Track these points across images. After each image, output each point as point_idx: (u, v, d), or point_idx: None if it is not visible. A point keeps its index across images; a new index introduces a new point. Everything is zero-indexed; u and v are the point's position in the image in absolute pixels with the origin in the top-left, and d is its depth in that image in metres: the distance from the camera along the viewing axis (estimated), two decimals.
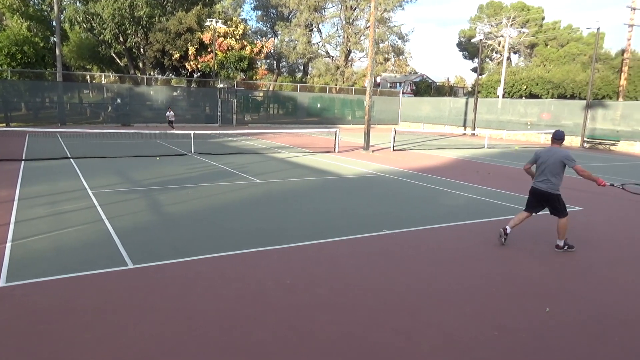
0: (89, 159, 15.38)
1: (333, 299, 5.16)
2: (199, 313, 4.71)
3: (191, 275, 5.67)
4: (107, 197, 9.75)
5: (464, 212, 9.61)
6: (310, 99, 42.58)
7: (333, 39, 55.75)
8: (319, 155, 18.47)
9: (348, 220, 8.60)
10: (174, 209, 9.02)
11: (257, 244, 6.91)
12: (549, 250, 7.21)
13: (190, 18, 36.53)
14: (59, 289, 5.16)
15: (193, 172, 13.39)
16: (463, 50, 60.09)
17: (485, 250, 7.12)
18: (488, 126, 34.70)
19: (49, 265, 5.78)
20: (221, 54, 37.66)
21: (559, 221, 7.02)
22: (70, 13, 39.04)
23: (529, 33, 50.51)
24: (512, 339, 4.40)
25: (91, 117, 34.88)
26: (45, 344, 4.04)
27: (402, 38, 53.47)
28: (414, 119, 43.07)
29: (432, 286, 5.64)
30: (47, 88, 33.21)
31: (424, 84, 57.56)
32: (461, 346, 4.26)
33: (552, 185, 6.88)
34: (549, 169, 6.84)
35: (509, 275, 6.08)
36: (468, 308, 5.04)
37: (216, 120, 36.36)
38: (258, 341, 4.22)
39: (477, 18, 55.88)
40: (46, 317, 4.50)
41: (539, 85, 40.92)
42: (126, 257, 6.16)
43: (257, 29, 58.86)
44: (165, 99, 36.53)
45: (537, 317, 4.89)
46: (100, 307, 4.76)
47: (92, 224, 7.66)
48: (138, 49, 41.70)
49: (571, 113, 31.17)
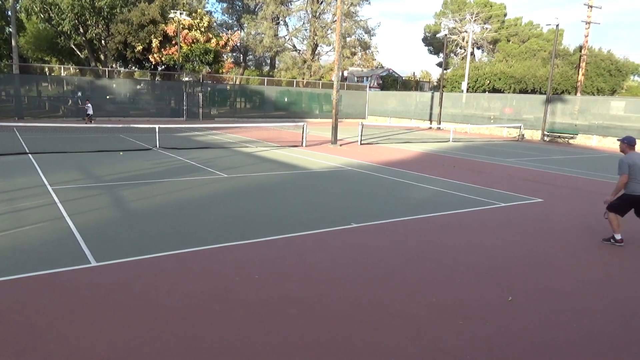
0: (49, 154, 14.85)
1: (301, 293, 5.17)
2: (165, 310, 4.63)
3: (157, 272, 5.57)
4: (68, 193, 9.45)
5: (430, 205, 9.78)
6: (277, 92, 42.32)
7: (300, 33, 55.49)
8: (287, 150, 18.41)
9: (316, 214, 8.62)
10: (139, 205, 8.82)
11: (224, 239, 6.85)
12: (515, 242, 7.42)
13: (153, 9, 35.62)
14: (18, 288, 4.97)
15: (158, 167, 13.13)
16: (428, 45, 60.86)
17: (451, 242, 7.27)
18: (453, 120, 35.35)
19: (6, 265, 5.56)
20: (186, 47, 36.91)
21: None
22: (27, 2, 37.39)
23: (491, 29, 51.61)
24: (477, 328, 4.52)
25: (50, 110, 33.62)
26: (3, 345, 3.89)
27: (368, 32, 53.70)
28: (381, 113, 43.44)
29: (400, 278, 5.72)
30: (2, 80, 31.82)
31: (390, 78, 58.09)
32: (429, 336, 4.34)
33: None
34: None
35: (473, 266, 6.22)
36: (435, 298, 5.14)
37: (182, 114, 35.70)
38: (226, 337, 4.19)
39: (442, 13, 56.70)
40: (4, 318, 4.33)
41: (501, 80, 41.92)
42: (89, 255, 5.99)
43: (222, 21, 58.02)
44: (129, 92, 35.59)
45: (500, 306, 5.04)
46: (61, 306, 4.61)
47: (53, 222, 7.42)
48: (99, 41, 40.39)
49: (532, 107, 32.08)
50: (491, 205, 9.94)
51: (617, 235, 7.33)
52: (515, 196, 10.99)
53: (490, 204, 9.99)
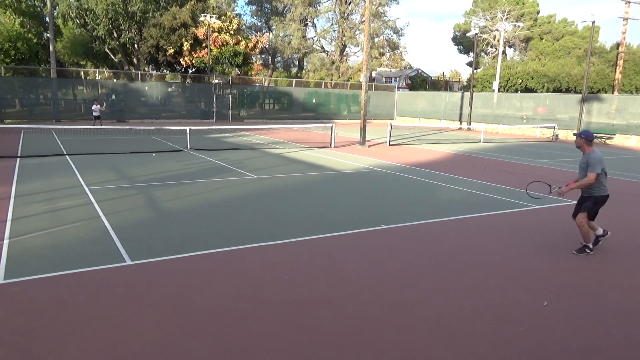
0: (85, 155, 15.31)
1: (331, 294, 5.17)
2: (197, 309, 4.71)
3: (189, 271, 5.67)
4: (104, 193, 9.72)
5: (461, 206, 9.64)
6: (305, 94, 42.49)
7: (328, 34, 55.57)
8: (315, 151, 18.46)
9: (345, 215, 8.60)
10: (171, 205, 8.99)
11: (254, 240, 6.91)
12: (547, 245, 7.24)
13: (184, 13, 36.31)
14: (57, 285, 5.14)
15: (189, 168, 13.36)
16: (458, 45, 60.02)
17: (483, 244, 7.14)
18: (484, 120, 34.76)
19: (46, 262, 5.76)
20: (216, 50, 37.47)
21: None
22: (64, 9, 38.71)
23: (524, 27, 50.54)
24: (511, 333, 4.42)
25: (86, 113, 34.61)
26: (43, 341, 4.03)
27: (397, 32, 53.33)
28: (410, 114, 43.07)
29: (430, 280, 5.66)
30: (41, 84, 32.98)
31: (419, 78, 57.51)
32: (461, 340, 4.27)
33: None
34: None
35: (508, 269, 6.10)
36: (467, 302, 5.06)
37: (212, 115, 36.24)
38: (256, 336, 4.23)
39: (472, 12, 55.84)
40: (44, 314, 4.49)
41: (534, 79, 40.99)
42: (124, 254, 6.14)
43: (251, 24, 58.60)
44: (161, 95, 36.34)
45: (535, 310, 4.92)
46: (98, 303, 4.75)
47: (89, 221, 7.64)
48: (132, 45, 41.44)
49: (567, 107, 31.25)
50: (524, 207, 9.73)
51: (590, 244, 6.72)
52: (549, 198, 10.68)
53: (522, 206, 9.77)
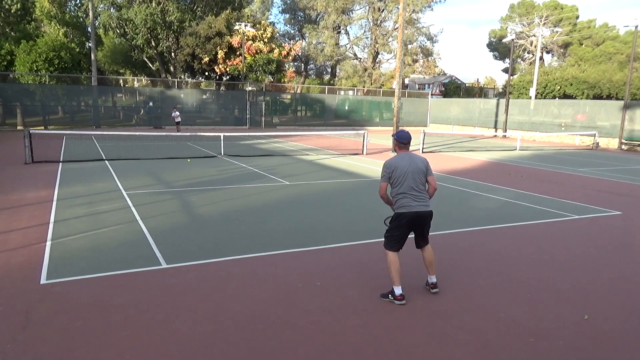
0: (123, 160, 15.75)
1: (363, 302, 5.13)
2: (230, 313, 4.75)
3: (223, 276, 5.74)
4: (141, 198, 9.96)
5: (497, 215, 9.43)
6: (338, 101, 42.58)
7: (361, 41, 55.67)
8: (348, 158, 18.44)
9: (378, 223, 8.52)
10: (206, 210, 9.14)
11: (288, 246, 6.94)
12: (586, 257, 7.00)
13: (219, 22, 37.05)
14: (96, 287, 5.29)
15: (223, 174, 13.56)
16: (493, 51, 59.08)
17: (520, 255, 6.96)
18: (520, 128, 33.98)
19: (87, 264, 5.94)
20: (250, 57, 38.04)
21: (430, 250, 5.41)
22: (105, 19, 40.13)
23: (562, 32, 49.29)
24: (549, 347, 4.28)
25: (124, 119, 35.74)
26: (83, 340, 4.14)
27: (430, 39, 52.96)
28: (443, 121, 42.53)
29: (465, 290, 5.55)
30: (82, 92, 34.21)
31: (453, 85, 56.78)
32: (496, 352, 4.17)
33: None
34: (418, 180, 5.18)
35: (545, 280, 5.92)
36: (503, 313, 4.94)
37: (245, 122, 36.74)
38: (289, 342, 4.23)
39: (508, 18, 54.89)
40: (84, 314, 4.62)
41: (573, 86, 39.84)
42: (160, 257, 6.27)
43: (285, 31, 59.31)
44: (196, 102, 37.11)
45: (575, 324, 4.76)
46: (135, 305, 4.86)
47: (127, 224, 7.84)
48: (169, 53, 42.53)
49: (608, 114, 30.21)
50: (563, 217, 9.43)
51: (397, 289, 5.07)
52: (590, 208, 10.37)
53: (562, 216, 9.48)
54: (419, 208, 5.11)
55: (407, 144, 5.34)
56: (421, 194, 5.16)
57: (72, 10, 40.52)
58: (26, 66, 29.66)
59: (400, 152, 5.34)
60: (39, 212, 8.55)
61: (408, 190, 5.11)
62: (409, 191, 5.11)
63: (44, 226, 7.58)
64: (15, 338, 4.14)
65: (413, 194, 5.11)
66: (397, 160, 5.20)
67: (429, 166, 5.29)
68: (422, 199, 5.16)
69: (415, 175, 5.14)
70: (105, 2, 39.62)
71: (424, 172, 5.21)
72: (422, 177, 5.21)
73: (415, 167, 5.15)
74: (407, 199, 5.12)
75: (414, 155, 5.28)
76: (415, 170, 5.15)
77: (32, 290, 5.12)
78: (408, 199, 5.11)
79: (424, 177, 5.22)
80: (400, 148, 5.35)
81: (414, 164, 5.17)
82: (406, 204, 5.12)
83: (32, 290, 5.14)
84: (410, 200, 5.11)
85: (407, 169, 5.12)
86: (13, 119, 30.21)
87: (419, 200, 5.13)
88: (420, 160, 5.26)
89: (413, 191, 5.11)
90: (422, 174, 5.20)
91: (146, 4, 38.22)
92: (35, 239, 6.88)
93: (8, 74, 30.96)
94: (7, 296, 4.98)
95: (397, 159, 5.23)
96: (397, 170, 5.14)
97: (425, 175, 5.23)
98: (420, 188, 5.17)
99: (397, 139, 5.36)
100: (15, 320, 4.45)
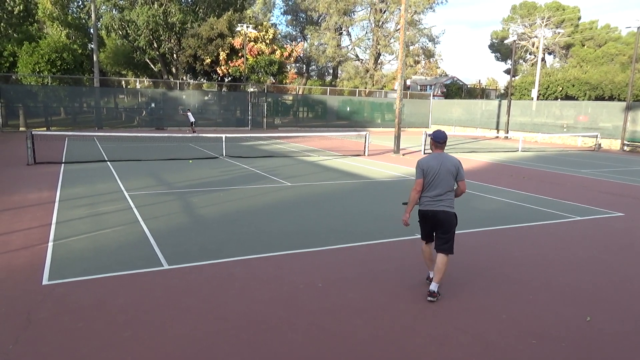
0: (125, 161, 15.78)
1: (365, 303, 5.12)
2: (232, 314, 4.76)
3: (225, 277, 5.74)
4: (143, 199, 9.98)
5: (499, 217, 9.42)
6: (339, 102, 42.60)
7: (362, 42, 55.66)
8: (349, 159, 18.44)
9: (380, 224, 8.54)
10: (207, 211, 9.15)
11: (289, 247, 6.94)
12: (590, 258, 6.98)
13: (221, 24, 37.10)
14: (99, 287, 5.30)
15: (225, 175, 13.57)
16: (495, 52, 59.08)
17: (522, 256, 6.95)
18: (522, 129, 33.95)
19: (89, 265, 5.95)
20: (252, 59, 38.07)
21: (442, 259, 5.28)
22: (107, 20, 40.22)
23: (564, 33, 49.25)
24: (552, 348, 4.28)
25: (126, 121, 35.82)
26: (86, 341, 4.15)
27: (432, 40, 52.94)
28: (445, 122, 42.50)
29: (466, 292, 5.54)
30: (84, 93, 34.29)
31: (454, 86, 56.80)
32: (498, 354, 4.16)
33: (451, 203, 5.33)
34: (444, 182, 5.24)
35: (547, 282, 5.91)
36: (505, 314, 4.93)
37: (247, 123, 36.77)
38: (291, 343, 4.23)
39: (510, 19, 54.88)
40: (86, 315, 4.63)
41: (575, 87, 39.79)
42: (161, 258, 6.28)
43: (286, 33, 59.40)
44: (197, 103, 37.18)
45: (577, 326, 4.75)
46: (137, 306, 4.86)
47: (129, 225, 7.85)
48: (171, 55, 42.61)
49: (610, 115, 30.17)
50: (565, 218, 9.42)
51: (429, 272, 5.55)
52: (592, 209, 10.35)
53: (564, 217, 9.47)
54: (433, 207, 5.23)
55: (442, 144, 5.37)
56: (442, 195, 5.22)
57: (74, 12, 40.68)
58: (28, 67, 29.73)
59: (435, 151, 5.40)
60: (41, 213, 8.57)
61: (431, 190, 5.23)
62: (432, 190, 5.23)
63: (46, 227, 7.59)
64: (18, 339, 4.15)
65: (434, 193, 5.22)
66: (429, 160, 5.30)
67: (460, 169, 5.29)
68: (441, 199, 5.21)
69: (443, 177, 5.20)
70: (107, 4, 39.72)
71: (453, 175, 5.24)
72: (450, 179, 5.24)
73: (445, 168, 5.21)
74: (426, 198, 5.27)
75: (446, 157, 5.31)
76: (444, 172, 5.21)
77: (34, 291, 5.13)
78: (427, 197, 5.26)
79: (453, 180, 5.26)
80: (436, 147, 5.39)
81: (444, 166, 5.22)
82: (423, 202, 5.31)
83: (34, 291, 5.15)
84: (427, 199, 5.26)
85: (437, 169, 5.20)
86: (15, 120, 30.27)
87: (436, 200, 5.22)
88: (451, 162, 5.27)
89: (435, 190, 5.22)
90: (450, 176, 5.23)
91: (148, 5, 38.29)
92: (37, 240, 6.89)
93: (10, 76, 31.04)
94: (9, 297, 4.99)
95: (430, 158, 5.32)
96: (429, 170, 5.25)
97: (455, 178, 5.27)
98: (445, 189, 5.23)
99: (434, 138, 5.39)
100: (17, 321, 4.46)
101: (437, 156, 5.29)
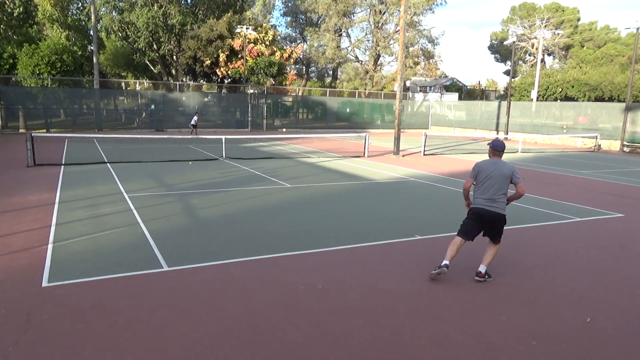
0: (125, 163, 15.78)
1: (365, 304, 5.12)
2: (232, 315, 4.75)
3: (225, 278, 5.74)
4: (143, 200, 9.97)
5: None
6: (339, 103, 42.63)
7: (362, 44, 55.73)
8: (349, 160, 18.44)
9: (379, 225, 8.54)
10: (207, 212, 9.15)
11: (289, 248, 6.94)
12: (590, 259, 6.98)
13: (221, 25, 37.13)
14: (99, 289, 5.29)
15: (225, 177, 13.57)
16: (495, 53, 59.15)
17: (522, 258, 6.95)
18: (522, 130, 33.97)
19: (88, 267, 5.95)
20: (251, 60, 38.11)
21: (493, 247, 5.93)
22: (107, 22, 40.28)
23: (563, 34, 49.31)
24: (552, 350, 4.27)
25: (126, 122, 35.84)
26: (85, 343, 4.14)
27: (432, 41, 53.04)
28: (445, 123, 42.53)
29: (468, 293, 5.53)
30: (84, 95, 34.31)
31: (454, 87, 56.78)
32: (498, 355, 4.16)
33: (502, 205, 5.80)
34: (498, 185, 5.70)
35: (547, 283, 5.91)
36: (505, 316, 4.93)
37: (246, 125, 36.79)
38: (291, 344, 4.23)
39: (510, 20, 54.95)
40: (86, 317, 4.62)
41: (575, 88, 39.84)
42: (161, 260, 6.27)
43: (286, 34, 59.48)
44: (197, 105, 37.23)
45: (577, 327, 4.74)
46: (137, 307, 4.86)
47: (129, 227, 7.85)
48: (171, 56, 42.66)
49: (609, 116, 30.20)
50: (565, 219, 9.42)
51: (444, 261, 5.71)
52: (592, 210, 10.35)
53: (564, 218, 9.47)
54: (487, 207, 5.69)
55: (500, 152, 5.90)
56: (495, 197, 5.68)
57: (74, 14, 40.70)
58: (28, 69, 29.74)
59: (493, 158, 5.90)
60: (41, 214, 8.57)
61: (484, 191, 5.73)
62: (485, 192, 5.72)
63: (45, 229, 7.59)
64: (18, 341, 4.14)
65: (488, 195, 5.70)
66: (485, 164, 5.82)
67: (515, 173, 5.74)
68: (494, 201, 5.68)
69: (497, 180, 5.68)
70: (107, 6, 39.77)
71: (508, 178, 5.69)
72: (505, 183, 5.70)
73: (500, 172, 5.69)
74: (479, 198, 5.76)
75: (502, 163, 5.78)
76: (499, 175, 5.68)
77: (34, 293, 5.13)
78: (480, 198, 5.75)
79: (507, 183, 5.72)
80: (494, 154, 5.91)
81: (499, 170, 5.70)
82: (476, 202, 5.80)
83: (34, 293, 5.14)
84: (481, 200, 5.74)
85: (491, 172, 5.70)
86: (15, 122, 30.29)
87: (489, 202, 5.69)
88: (507, 168, 5.73)
89: (488, 193, 5.70)
90: (505, 180, 5.70)
91: (148, 7, 38.33)
92: (37, 242, 6.89)
93: (10, 77, 31.06)
94: (9, 299, 4.99)
95: (486, 162, 5.86)
96: (482, 172, 5.78)
97: (510, 181, 5.72)
98: (498, 192, 5.69)
99: (492, 147, 5.92)
100: (17, 323, 4.46)
101: (494, 161, 5.81)
